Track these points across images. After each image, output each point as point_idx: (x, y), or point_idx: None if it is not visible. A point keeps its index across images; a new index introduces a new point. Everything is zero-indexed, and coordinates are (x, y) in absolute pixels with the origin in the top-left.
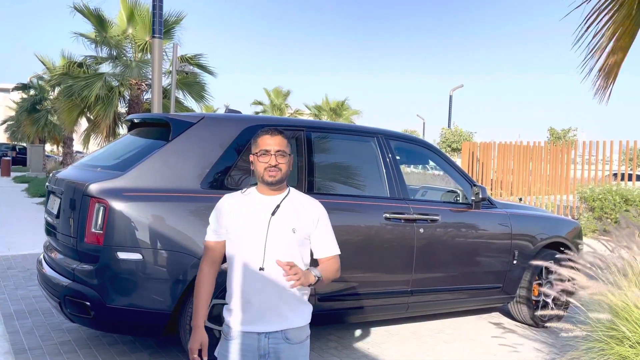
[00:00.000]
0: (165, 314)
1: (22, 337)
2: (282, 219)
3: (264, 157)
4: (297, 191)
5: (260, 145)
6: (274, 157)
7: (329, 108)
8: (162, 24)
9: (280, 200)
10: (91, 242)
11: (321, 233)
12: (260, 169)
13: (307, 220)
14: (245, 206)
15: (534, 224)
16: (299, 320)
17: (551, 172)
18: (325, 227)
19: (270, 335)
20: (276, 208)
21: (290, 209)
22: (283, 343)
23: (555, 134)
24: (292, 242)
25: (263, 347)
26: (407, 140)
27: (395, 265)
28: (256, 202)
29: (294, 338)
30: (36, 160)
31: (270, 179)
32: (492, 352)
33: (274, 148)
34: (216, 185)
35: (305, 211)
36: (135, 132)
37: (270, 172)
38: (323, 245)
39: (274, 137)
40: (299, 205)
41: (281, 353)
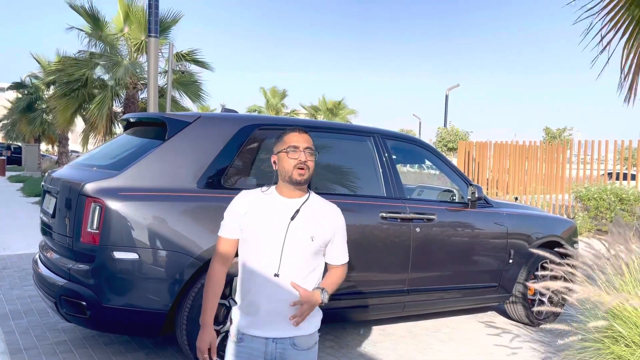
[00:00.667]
0: (162, 313)
1: (17, 337)
2: (301, 225)
3: (293, 153)
4: (316, 195)
5: (288, 142)
6: (303, 153)
7: (326, 108)
8: (157, 23)
9: (300, 204)
10: (87, 242)
11: (338, 242)
12: (289, 167)
13: (326, 228)
14: (263, 206)
15: (530, 223)
16: (308, 328)
17: (547, 172)
18: (342, 235)
19: (278, 341)
20: (296, 213)
21: (309, 215)
22: (291, 349)
23: (550, 133)
24: (309, 251)
25: (270, 352)
26: (404, 140)
27: (391, 265)
28: (276, 203)
29: (302, 344)
30: (31, 160)
31: (299, 177)
32: (488, 351)
33: (302, 145)
34: (212, 184)
35: (325, 219)
36: (131, 131)
37: (300, 169)
38: (337, 253)
39: (302, 134)
40: (318, 211)
41: (288, 359)
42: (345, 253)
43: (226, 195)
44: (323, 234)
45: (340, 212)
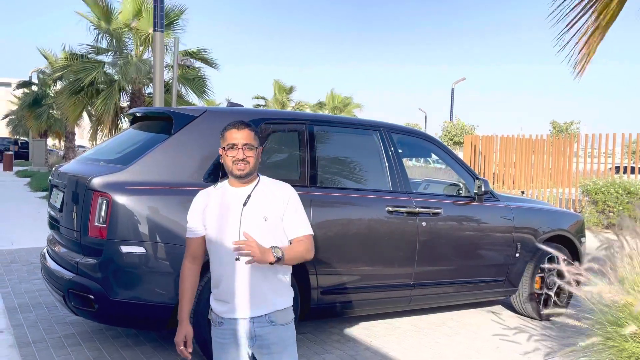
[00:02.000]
0: (169, 307)
1: (26, 331)
2: (253, 209)
3: (231, 151)
4: (267, 178)
5: (228, 140)
6: (241, 150)
7: (333, 105)
8: (163, 17)
9: (250, 190)
10: (94, 236)
11: (291, 214)
12: (229, 163)
13: (277, 205)
14: (218, 200)
15: (537, 217)
16: (281, 304)
17: (553, 165)
18: (295, 208)
19: (255, 320)
20: (247, 198)
21: (261, 197)
22: (268, 326)
23: (557, 127)
24: (265, 230)
25: (250, 331)
26: (409, 134)
27: (397, 259)
28: (228, 194)
29: (278, 320)
30: (38, 155)
31: (239, 172)
32: (494, 345)
33: (241, 142)
34: (219, 178)
35: (275, 196)
36: (138, 125)
37: (239, 165)
38: (293, 226)
39: (241, 130)
40: (269, 192)
41: (269, 334)
42: (304, 226)
43: None
44: (275, 210)
45: (291, 188)
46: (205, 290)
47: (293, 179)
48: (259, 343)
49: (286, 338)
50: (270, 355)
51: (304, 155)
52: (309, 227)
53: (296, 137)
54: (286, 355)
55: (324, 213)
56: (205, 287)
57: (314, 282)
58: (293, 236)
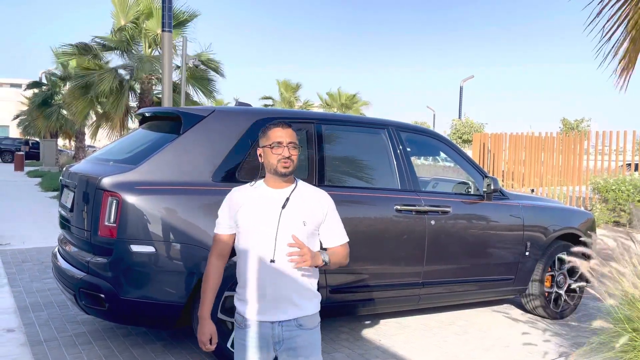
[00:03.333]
0: (178, 305)
1: (37, 329)
2: (292, 212)
3: (277, 148)
4: (304, 183)
5: (272, 138)
6: (286, 148)
7: (340, 102)
8: (171, 18)
9: (289, 192)
10: (105, 235)
11: (330, 223)
12: (274, 161)
13: (316, 212)
14: (255, 200)
15: (547, 215)
16: (311, 309)
17: (563, 163)
18: (333, 217)
19: (284, 324)
20: (286, 201)
21: (299, 202)
22: (296, 330)
23: (568, 124)
24: (303, 235)
25: (277, 335)
26: (418, 132)
27: (406, 257)
28: (266, 195)
29: (307, 324)
30: (49, 155)
31: (284, 170)
32: (503, 344)
33: (286, 140)
34: (227, 178)
35: (314, 203)
36: (147, 125)
37: (285, 163)
38: (332, 235)
39: (285, 129)
40: (307, 197)
41: (296, 338)
42: (343, 233)
43: None
44: (314, 217)
45: (329, 196)
46: None
47: (301, 178)
48: (286, 347)
49: (313, 342)
50: (296, 359)
51: (312, 154)
52: (346, 234)
53: (304, 136)
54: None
55: None
56: None
57: (322, 281)
58: (332, 245)
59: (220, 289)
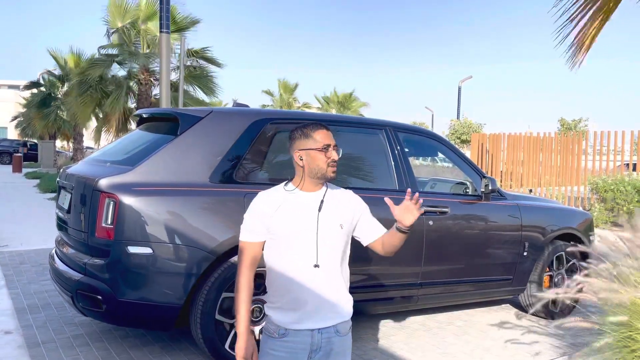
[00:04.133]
0: (176, 307)
1: (35, 331)
2: (329, 215)
3: (327, 152)
4: (332, 185)
5: (321, 140)
6: (334, 151)
7: (337, 101)
8: (169, 19)
9: (322, 195)
10: (102, 237)
11: (366, 219)
12: (323, 165)
13: (349, 212)
14: (290, 204)
15: (545, 216)
16: (347, 313)
17: (562, 163)
18: (367, 212)
19: (323, 331)
20: (321, 204)
21: (333, 203)
22: (334, 336)
23: (565, 124)
24: (341, 238)
25: (316, 342)
26: (416, 132)
27: (404, 258)
28: (300, 199)
29: (343, 330)
30: (47, 156)
31: (333, 174)
32: (502, 344)
33: (333, 142)
34: (225, 179)
35: (345, 204)
36: (144, 127)
37: (334, 167)
38: (373, 228)
39: (329, 132)
40: (338, 198)
41: (333, 345)
42: (380, 225)
43: (238, 189)
44: (350, 218)
45: (357, 195)
46: (212, 290)
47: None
48: (322, 354)
49: (347, 347)
50: None
51: None
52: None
53: None
54: None
55: None
56: (212, 287)
57: None
58: (376, 237)
59: (217, 291)
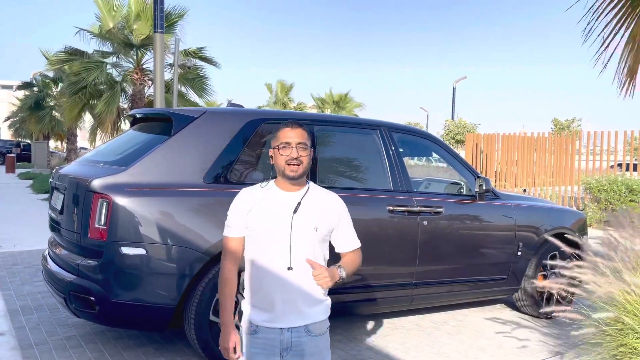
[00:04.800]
0: (170, 308)
1: (28, 333)
2: (304, 217)
3: (285, 149)
4: (316, 186)
5: (281, 138)
6: (295, 149)
7: (332, 101)
8: (163, 19)
9: (301, 197)
10: (95, 238)
11: (343, 229)
12: (282, 163)
13: (329, 217)
14: (266, 202)
15: (538, 215)
16: (320, 315)
17: (555, 163)
18: (346, 222)
19: (293, 330)
20: (298, 205)
21: (311, 206)
22: (305, 336)
23: (559, 124)
24: (315, 241)
25: (286, 341)
26: (410, 133)
27: (399, 258)
28: (277, 198)
29: (315, 330)
30: (40, 157)
31: (292, 173)
32: (496, 343)
33: (295, 140)
34: (219, 179)
35: (326, 207)
36: (138, 127)
37: (292, 166)
38: (346, 240)
39: (295, 129)
40: (319, 201)
41: (304, 345)
42: (355, 238)
43: (233, 190)
44: (326, 222)
45: (341, 199)
46: (206, 290)
47: None
48: (293, 353)
49: (323, 349)
50: None
51: None
52: (357, 239)
53: None
54: None
55: None
56: (206, 288)
57: None
58: (347, 250)
59: (211, 292)
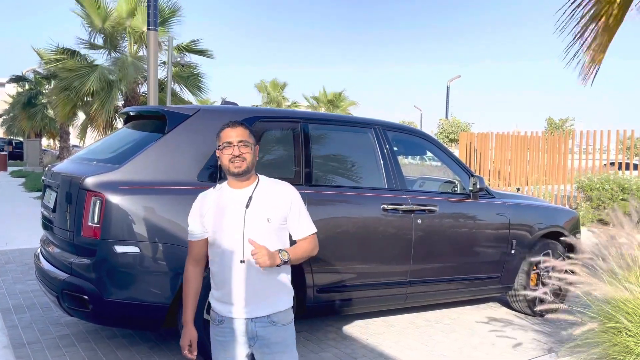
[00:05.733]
0: (164, 306)
1: (20, 332)
2: (256, 210)
3: (227, 149)
4: (266, 178)
5: (223, 139)
6: (236, 147)
7: (326, 100)
8: (157, 16)
9: (251, 191)
10: (88, 236)
11: (296, 215)
12: (226, 162)
13: (280, 206)
14: (219, 203)
15: (532, 214)
16: (282, 305)
17: (549, 162)
18: (298, 209)
19: (257, 320)
20: (249, 200)
21: (263, 198)
22: (270, 326)
23: (553, 123)
24: (269, 231)
25: (251, 331)
26: (404, 131)
27: (393, 256)
28: (229, 197)
29: (280, 321)
30: (33, 155)
31: (236, 169)
32: (490, 341)
33: (235, 139)
34: (212, 177)
35: (277, 197)
36: (131, 125)
37: (235, 162)
38: (299, 227)
39: (235, 128)
40: (270, 192)
41: (270, 335)
42: (309, 224)
43: None
44: (278, 211)
45: (293, 188)
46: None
47: (288, 177)
48: (260, 343)
49: (287, 337)
50: (271, 355)
51: (299, 154)
52: (313, 225)
53: (291, 135)
54: (287, 355)
55: (319, 211)
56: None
57: (309, 281)
58: (300, 237)
59: (205, 290)
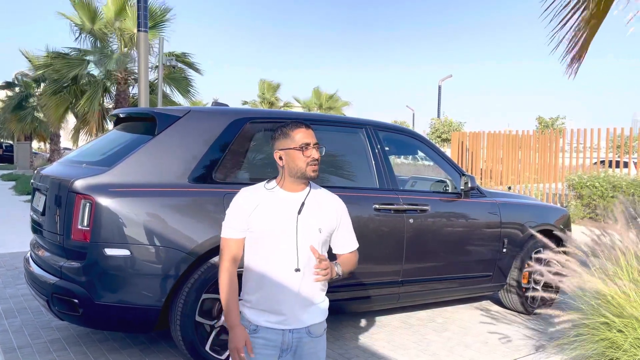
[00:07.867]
0: (155, 309)
1: (11, 336)
2: (308, 218)
3: (307, 151)
4: (316, 186)
5: (299, 140)
6: (315, 150)
7: (319, 101)
8: (147, 17)
9: (304, 197)
10: (78, 239)
11: (343, 230)
12: (302, 164)
13: (330, 218)
14: (270, 203)
15: (523, 212)
16: (321, 316)
17: (540, 161)
18: (347, 223)
19: (294, 331)
20: (301, 206)
21: (314, 207)
22: (306, 337)
23: (543, 122)
24: (319, 242)
25: (287, 341)
26: (396, 131)
27: (385, 256)
28: (281, 198)
29: (316, 332)
30: (23, 158)
31: (314, 173)
32: (482, 339)
33: (312, 141)
34: (204, 179)
35: (328, 208)
36: (121, 127)
37: (314, 166)
38: (345, 241)
39: (309, 130)
40: (321, 201)
41: (304, 346)
42: (354, 239)
43: (217, 189)
44: (329, 223)
45: (341, 201)
46: (191, 291)
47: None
48: (292, 353)
49: (320, 350)
50: None
51: None
52: (356, 240)
53: None
54: None
55: None
56: (192, 288)
57: None
58: (344, 251)
59: (197, 292)
